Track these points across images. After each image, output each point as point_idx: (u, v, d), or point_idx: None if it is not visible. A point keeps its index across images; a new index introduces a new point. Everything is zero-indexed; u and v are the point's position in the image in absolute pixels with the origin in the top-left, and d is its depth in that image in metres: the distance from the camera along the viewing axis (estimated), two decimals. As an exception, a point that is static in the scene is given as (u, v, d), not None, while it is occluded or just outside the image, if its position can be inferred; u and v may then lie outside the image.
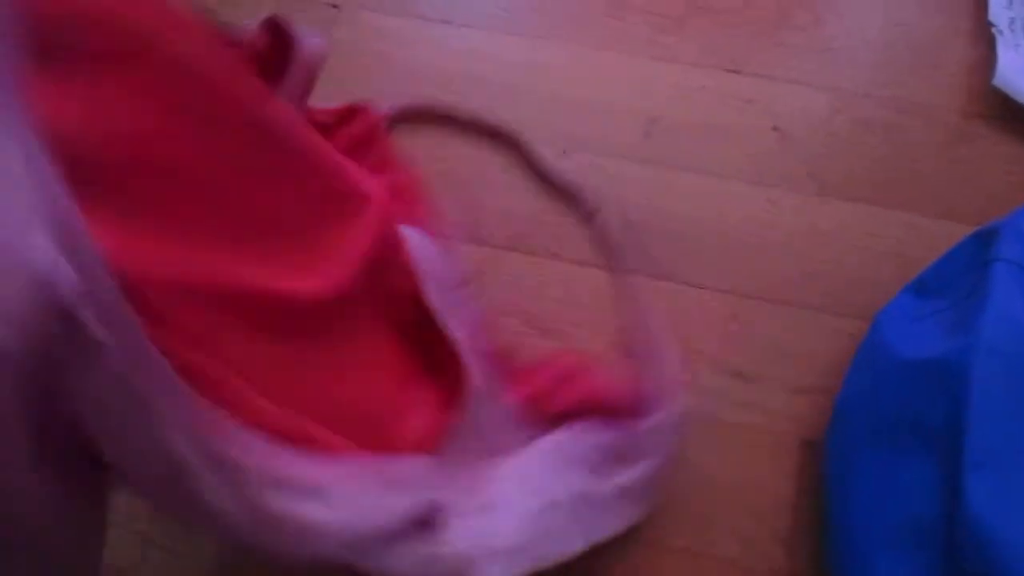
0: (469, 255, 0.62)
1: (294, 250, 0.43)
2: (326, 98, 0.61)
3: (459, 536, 0.48)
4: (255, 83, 0.41)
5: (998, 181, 0.64)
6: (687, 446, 0.57)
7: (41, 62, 0.30)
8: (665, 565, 0.55)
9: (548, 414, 0.53)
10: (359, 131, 0.60)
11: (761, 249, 0.63)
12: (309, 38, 0.49)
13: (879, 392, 0.53)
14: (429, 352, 0.53)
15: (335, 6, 0.71)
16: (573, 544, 0.50)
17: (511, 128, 0.65)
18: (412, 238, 0.54)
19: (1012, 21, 0.66)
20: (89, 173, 0.31)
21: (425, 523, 0.47)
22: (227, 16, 0.48)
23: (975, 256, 0.54)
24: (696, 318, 0.61)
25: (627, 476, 0.52)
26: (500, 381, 0.54)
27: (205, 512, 0.35)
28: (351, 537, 0.42)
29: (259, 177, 0.41)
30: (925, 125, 0.65)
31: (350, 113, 0.61)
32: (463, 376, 0.51)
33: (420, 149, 0.65)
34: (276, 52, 0.49)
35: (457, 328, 0.53)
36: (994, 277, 0.50)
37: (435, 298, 0.52)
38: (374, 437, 0.46)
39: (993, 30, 0.66)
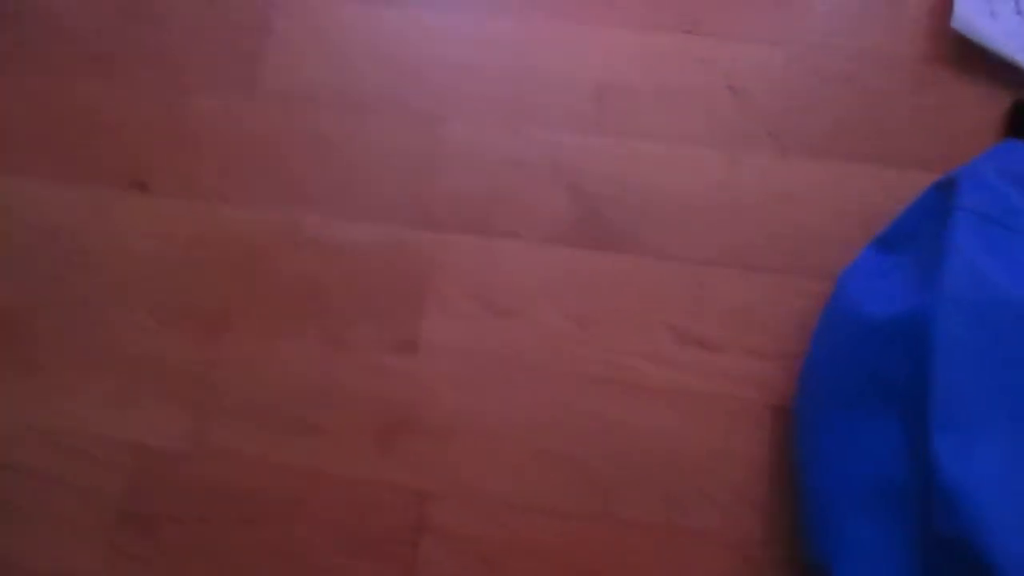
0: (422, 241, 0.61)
1: None
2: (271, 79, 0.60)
3: None
4: None
5: (964, 126, 0.62)
6: (652, 418, 0.57)
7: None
8: (639, 541, 0.55)
9: None
10: None
11: (723, 213, 0.61)
12: None
13: (844, 353, 0.52)
14: None
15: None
16: None
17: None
18: None
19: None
20: None
21: None
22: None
23: (936, 207, 0.53)
24: (660, 289, 0.60)
25: None
26: None
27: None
28: None
29: None
30: (886, 73, 0.63)
31: None
32: None
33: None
34: None
35: None
36: (954, 227, 0.49)
37: None
38: None
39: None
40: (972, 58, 0.62)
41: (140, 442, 0.58)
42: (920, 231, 0.54)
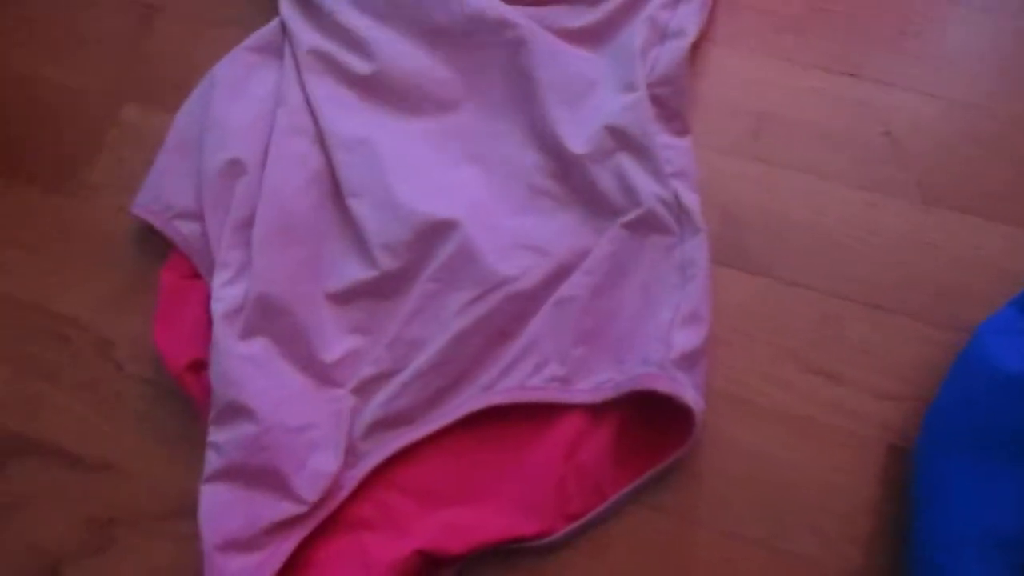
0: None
1: None
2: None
3: None
4: None
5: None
6: (772, 442, 0.58)
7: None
8: (738, 554, 0.56)
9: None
10: None
11: (860, 252, 0.63)
12: None
13: (978, 403, 0.53)
14: None
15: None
16: None
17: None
18: None
19: None
20: None
21: None
22: None
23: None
24: (789, 315, 0.61)
25: None
26: None
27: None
28: None
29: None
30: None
31: None
32: None
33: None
34: None
35: None
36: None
37: None
38: None
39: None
40: None
41: None
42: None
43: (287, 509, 0.55)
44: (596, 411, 0.58)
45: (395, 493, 0.57)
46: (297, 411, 0.57)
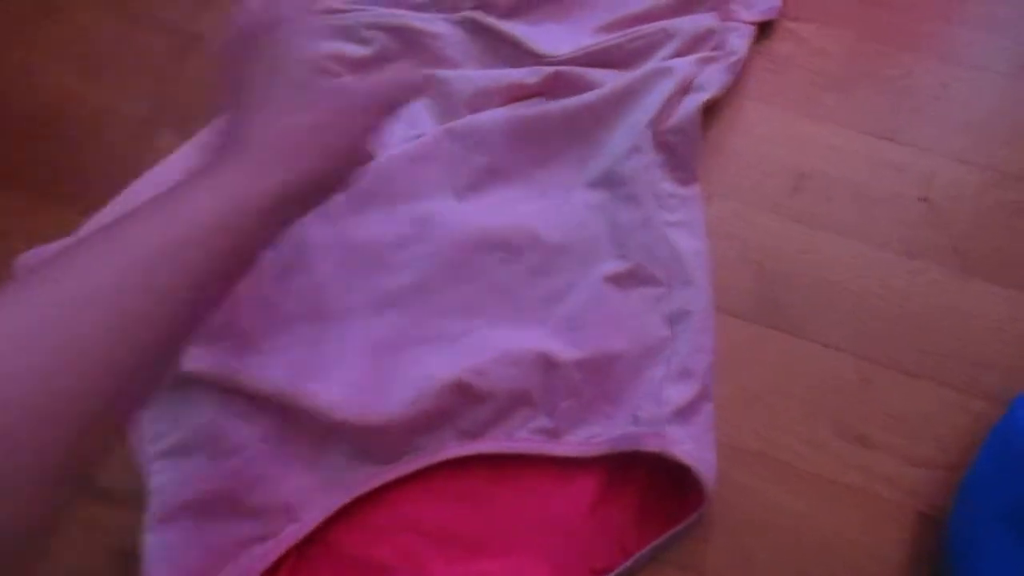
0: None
1: None
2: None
3: None
4: None
5: None
6: (802, 503, 0.58)
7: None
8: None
9: None
10: None
11: (896, 318, 0.63)
12: None
13: (1013, 478, 0.53)
14: None
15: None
16: None
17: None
18: None
19: None
20: None
21: None
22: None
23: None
24: (823, 377, 0.61)
25: None
26: None
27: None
28: None
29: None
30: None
31: None
32: None
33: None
34: None
35: None
36: None
37: None
38: None
39: None
40: None
41: None
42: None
43: (244, 529, 0.54)
44: (621, 464, 0.58)
45: (414, 536, 0.56)
46: (252, 428, 0.57)
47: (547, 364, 0.58)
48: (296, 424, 0.57)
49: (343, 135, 0.48)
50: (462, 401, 0.57)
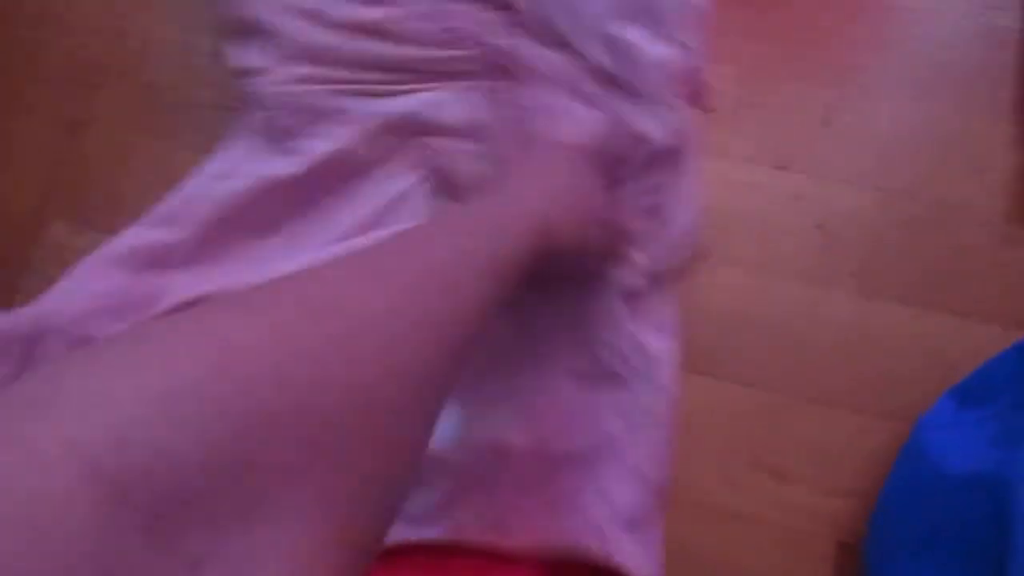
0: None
1: None
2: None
3: None
4: None
5: (1043, 288, 0.64)
6: (720, 541, 0.58)
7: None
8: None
9: None
10: None
11: (803, 347, 0.63)
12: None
13: (919, 501, 0.53)
14: None
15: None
16: None
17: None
18: None
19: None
20: None
21: None
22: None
23: (1017, 368, 0.54)
24: (736, 414, 0.61)
25: None
26: None
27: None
28: None
29: None
30: (971, 228, 0.66)
31: None
32: None
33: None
34: None
35: None
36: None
37: None
38: None
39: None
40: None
41: None
42: (1002, 388, 0.55)
43: None
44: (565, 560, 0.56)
45: None
46: None
47: (501, 453, 0.57)
48: None
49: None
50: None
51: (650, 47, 0.63)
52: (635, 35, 0.64)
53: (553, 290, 0.61)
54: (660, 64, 0.62)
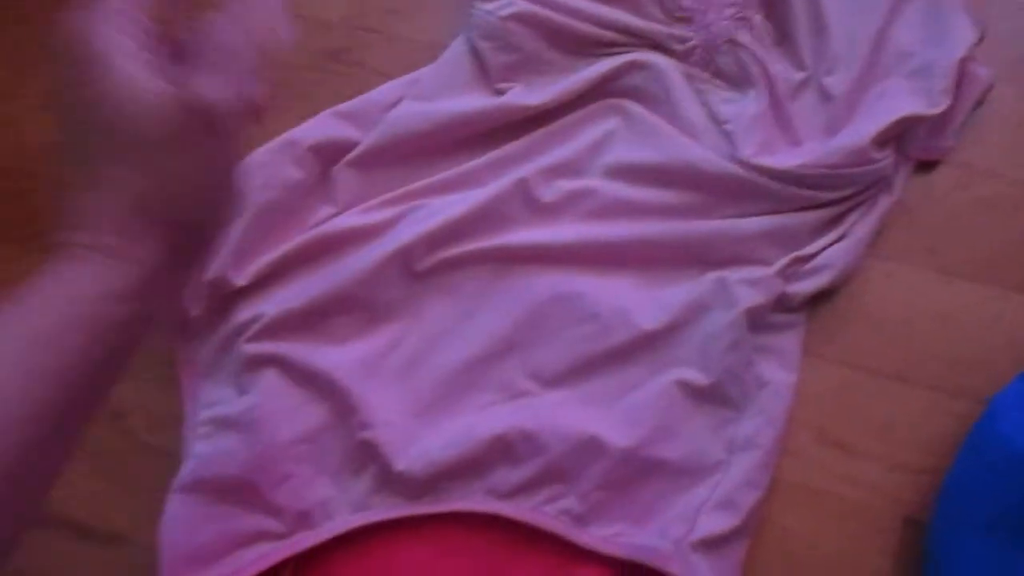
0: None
1: None
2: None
3: None
4: None
5: None
6: (784, 513, 0.58)
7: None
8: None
9: None
10: None
11: (875, 322, 0.63)
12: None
13: (990, 480, 0.53)
14: None
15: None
16: None
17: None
18: None
19: None
20: None
21: None
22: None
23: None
24: (805, 387, 0.61)
25: None
26: None
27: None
28: None
29: None
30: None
31: None
32: None
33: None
34: None
35: None
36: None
37: None
38: None
39: None
40: None
41: None
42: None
43: (259, 523, 0.56)
44: (631, 571, 0.55)
45: None
46: (294, 424, 0.58)
47: (594, 448, 0.56)
48: (340, 432, 0.59)
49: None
50: (499, 458, 0.57)
51: (907, 99, 0.64)
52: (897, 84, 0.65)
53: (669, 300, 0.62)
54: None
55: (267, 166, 0.64)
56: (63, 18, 0.38)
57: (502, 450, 0.57)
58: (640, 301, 0.62)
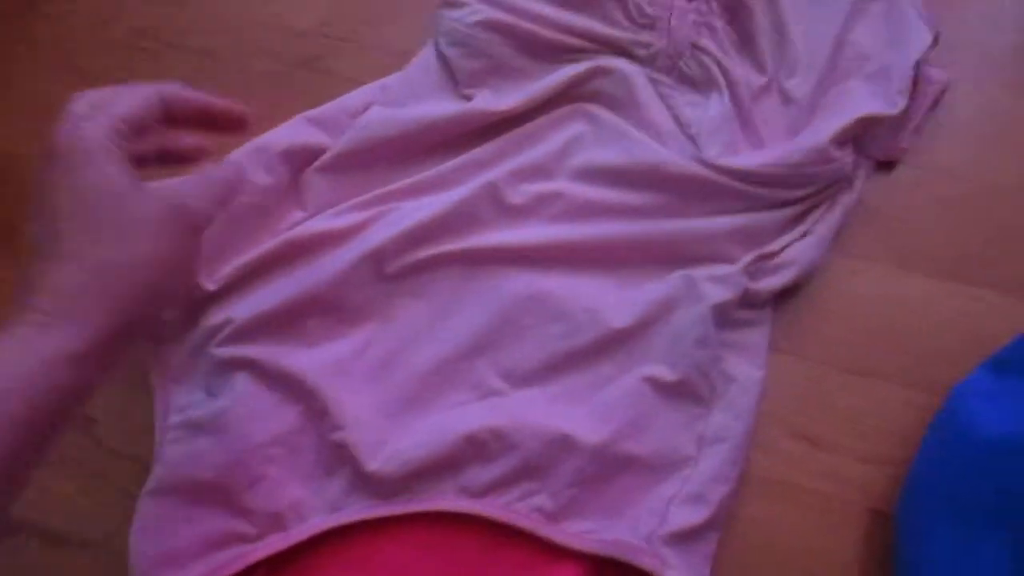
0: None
1: None
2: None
3: None
4: None
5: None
6: (754, 506, 0.59)
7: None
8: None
9: None
10: None
11: (840, 317, 0.64)
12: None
13: (955, 468, 0.53)
14: None
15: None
16: None
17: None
18: None
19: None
20: None
21: None
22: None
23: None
24: (773, 381, 0.62)
25: None
26: None
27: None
28: None
29: None
30: (1012, 205, 0.66)
31: None
32: None
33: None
34: None
35: None
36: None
37: None
38: None
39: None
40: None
41: None
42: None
43: (231, 525, 0.56)
44: (604, 567, 0.55)
45: None
46: (267, 426, 0.58)
47: (565, 445, 0.57)
48: (313, 434, 0.59)
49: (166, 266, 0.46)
50: (471, 457, 0.57)
51: (866, 100, 0.65)
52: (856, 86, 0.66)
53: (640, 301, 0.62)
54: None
55: None
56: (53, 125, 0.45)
57: (474, 448, 0.57)
58: (609, 300, 0.62)
